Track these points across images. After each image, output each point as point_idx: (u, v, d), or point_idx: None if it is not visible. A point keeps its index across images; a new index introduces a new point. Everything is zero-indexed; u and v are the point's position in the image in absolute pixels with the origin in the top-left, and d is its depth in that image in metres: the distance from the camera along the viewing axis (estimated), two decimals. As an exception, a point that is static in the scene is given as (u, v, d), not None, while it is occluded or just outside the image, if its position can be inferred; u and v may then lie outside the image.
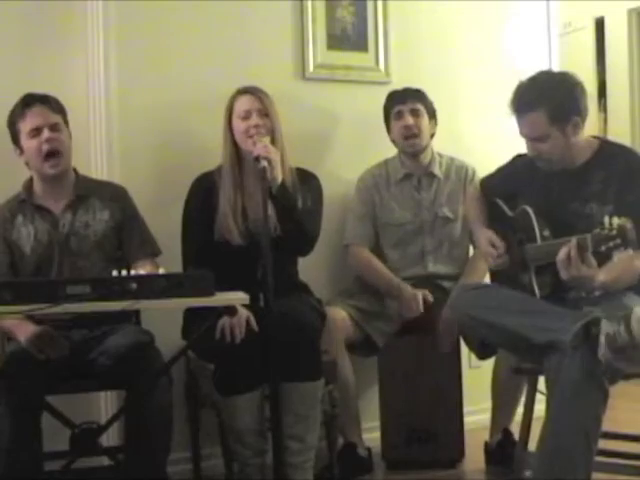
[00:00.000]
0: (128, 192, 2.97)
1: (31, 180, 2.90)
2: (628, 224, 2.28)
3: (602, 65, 6.32)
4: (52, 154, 2.79)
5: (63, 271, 2.81)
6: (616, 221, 2.29)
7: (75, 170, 2.93)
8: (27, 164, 2.86)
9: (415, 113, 3.40)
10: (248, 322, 2.78)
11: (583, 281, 2.49)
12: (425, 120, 3.41)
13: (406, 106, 3.39)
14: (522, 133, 2.74)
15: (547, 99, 2.65)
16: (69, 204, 2.86)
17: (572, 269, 2.44)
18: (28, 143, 2.80)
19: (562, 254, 2.45)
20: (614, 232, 2.29)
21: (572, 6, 5.66)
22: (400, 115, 3.41)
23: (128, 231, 2.90)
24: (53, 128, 2.80)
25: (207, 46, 3.38)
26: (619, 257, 2.37)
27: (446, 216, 3.44)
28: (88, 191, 2.90)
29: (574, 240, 2.42)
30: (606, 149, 2.76)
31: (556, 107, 2.64)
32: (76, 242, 2.84)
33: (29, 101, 2.81)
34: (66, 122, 2.87)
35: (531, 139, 2.72)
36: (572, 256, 2.42)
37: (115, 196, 2.93)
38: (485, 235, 2.88)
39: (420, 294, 3.28)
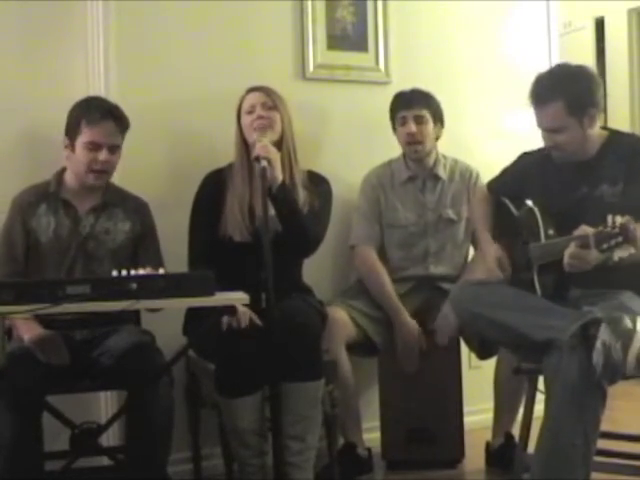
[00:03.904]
0: (149, 208, 2.98)
1: (63, 172, 2.89)
2: (631, 223, 2.29)
3: (602, 65, 6.32)
4: (100, 172, 2.81)
5: (75, 271, 2.81)
6: (619, 219, 2.30)
7: None
8: (67, 158, 2.85)
9: (419, 120, 3.37)
10: (250, 318, 2.78)
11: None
12: (429, 126, 3.39)
13: (410, 112, 3.37)
14: (539, 124, 2.75)
15: (565, 90, 2.67)
16: (94, 207, 2.87)
17: (580, 265, 2.45)
18: (82, 152, 2.79)
19: (566, 255, 2.46)
20: (616, 230, 2.29)
21: (572, 6, 5.67)
22: (404, 121, 3.38)
23: (143, 245, 2.92)
24: (112, 150, 2.80)
25: (207, 46, 3.38)
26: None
27: (450, 218, 3.44)
28: (115, 200, 2.91)
29: (573, 243, 2.42)
30: (615, 137, 2.79)
31: (574, 98, 2.66)
32: (93, 246, 2.84)
33: (106, 113, 2.79)
34: (123, 139, 2.87)
35: (548, 130, 2.73)
36: (573, 253, 2.43)
37: (138, 210, 2.94)
38: (495, 253, 2.86)
39: (417, 338, 3.26)
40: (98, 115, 2.78)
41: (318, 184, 3.12)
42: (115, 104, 2.88)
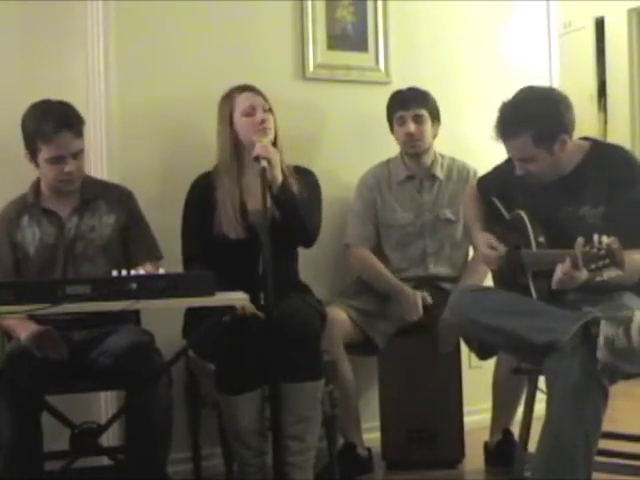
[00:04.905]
0: (134, 195, 2.96)
1: (38, 182, 2.88)
2: (615, 244, 2.28)
3: (602, 65, 6.32)
4: (70, 180, 2.78)
5: (67, 275, 2.79)
6: (605, 240, 2.29)
7: None
8: (36, 170, 2.82)
9: (418, 120, 3.37)
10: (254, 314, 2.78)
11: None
12: (428, 125, 3.40)
13: (409, 112, 3.37)
14: (509, 154, 2.74)
15: (531, 123, 2.61)
16: (76, 208, 2.85)
17: (569, 284, 2.46)
18: (46, 167, 2.75)
19: (558, 274, 2.46)
20: (602, 252, 2.28)
21: (572, 6, 5.66)
22: (402, 121, 3.38)
23: (133, 234, 2.89)
24: (75, 156, 2.75)
25: (207, 46, 3.38)
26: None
27: (447, 218, 3.44)
28: (95, 194, 2.88)
29: (568, 260, 2.42)
30: (597, 150, 2.75)
31: (541, 130, 2.62)
32: (82, 246, 2.83)
33: (57, 125, 2.69)
34: (83, 138, 2.80)
35: (518, 160, 2.72)
36: (566, 272, 2.43)
37: (121, 199, 2.91)
38: (483, 238, 2.88)
39: (419, 296, 3.28)
40: (50, 129, 2.69)
41: (305, 176, 3.10)
42: (63, 107, 2.77)
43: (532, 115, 2.63)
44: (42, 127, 2.71)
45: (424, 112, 3.39)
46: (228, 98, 3.06)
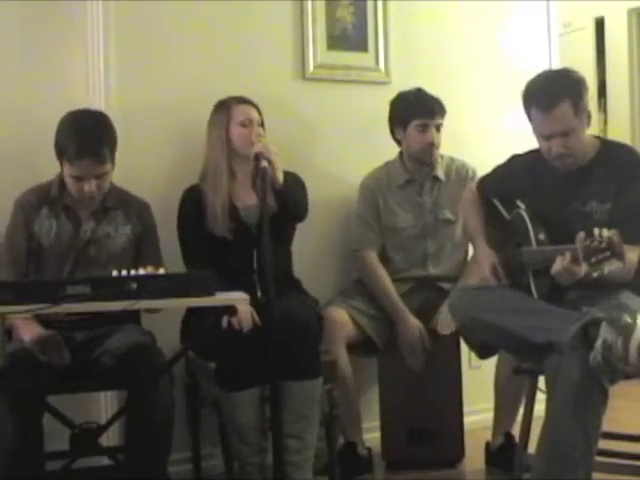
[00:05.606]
0: (151, 208, 2.97)
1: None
2: (616, 237, 2.28)
3: (602, 65, 6.33)
4: (90, 198, 2.78)
5: (76, 275, 2.78)
6: (605, 233, 2.29)
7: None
8: None
9: (439, 128, 3.37)
10: (252, 316, 2.80)
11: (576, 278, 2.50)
12: (441, 133, 3.40)
13: (434, 121, 3.35)
14: (546, 131, 2.69)
15: (568, 90, 2.66)
16: (95, 211, 2.85)
17: (568, 278, 2.47)
18: (69, 181, 2.75)
19: (557, 267, 2.46)
20: (603, 245, 2.29)
21: (572, 6, 5.67)
22: (425, 129, 3.35)
23: (144, 247, 2.90)
24: (99, 177, 2.74)
25: (207, 46, 3.38)
26: None
27: (447, 218, 3.44)
28: (115, 203, 2.88)
29: (568, 254, 2.42)
30: (606, 148, 2.77)
31: (577, 97, 2.66)
32: (95, 251, 2.83)
33: (81, 150, 2.66)
34: (113, 160, 2.77)
35: (557, 134, 2.67)
36: (566, 267, 2.43)
37: (139, 211, 2.92)
38: (489, 260, 2.87)
39: (420, 338, 3.28)
40: (72, 152, 2.68)
41: (288, 174, 3.09)
42: (94, 127, 2.74)
43: (566, 84, 2.68)
44: (66, 147, 2.71)
45: (442, 121, 3.39)
46: (225, 106, 3.09)
